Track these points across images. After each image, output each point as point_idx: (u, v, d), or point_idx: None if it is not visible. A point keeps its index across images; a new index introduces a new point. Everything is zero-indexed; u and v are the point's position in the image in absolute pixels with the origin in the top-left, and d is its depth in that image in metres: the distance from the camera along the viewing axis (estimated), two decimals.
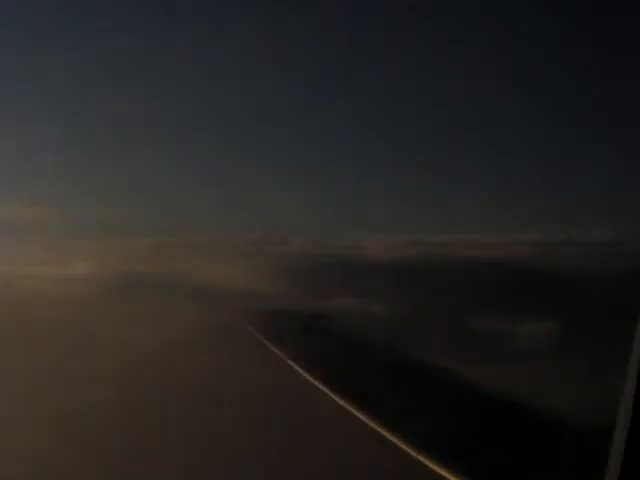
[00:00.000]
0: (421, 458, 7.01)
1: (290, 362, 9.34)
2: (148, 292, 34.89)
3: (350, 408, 8.30)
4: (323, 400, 8.79)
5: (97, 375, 23.76)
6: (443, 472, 6.78)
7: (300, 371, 9.06)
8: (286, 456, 15.33)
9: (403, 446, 7.42)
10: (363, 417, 8.14)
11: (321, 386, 8.60)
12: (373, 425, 7.93)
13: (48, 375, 24.17)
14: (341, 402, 8.43)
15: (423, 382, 8.84)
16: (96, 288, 36.84)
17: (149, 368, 24.85)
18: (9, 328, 29.90)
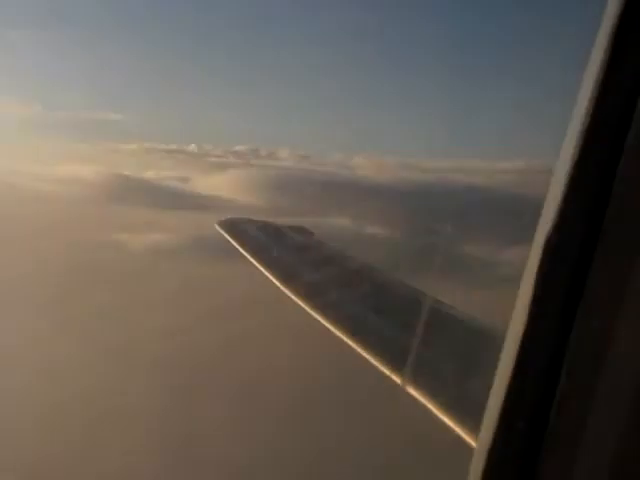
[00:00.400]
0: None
1: (266, 272, 9.22)
2: (140, 198, 34.86)
3: (322, 320, 8.23)
4: (295, 311, 8.76)
5: (89, 273, 23.96)
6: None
7: (276, 283, 8.96)
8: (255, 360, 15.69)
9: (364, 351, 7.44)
10: (333, 328, 8.06)
11: (295, 298, 8.53)
12: (344, 337, 7.88)
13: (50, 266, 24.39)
14: (313, 314, 8.36)
15: (395, 300, 8.76)
16: (89, 190, 36.75)
17: (139, 269, 25.05)
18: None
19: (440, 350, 7.40)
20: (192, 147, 42.85)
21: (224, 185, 36.92)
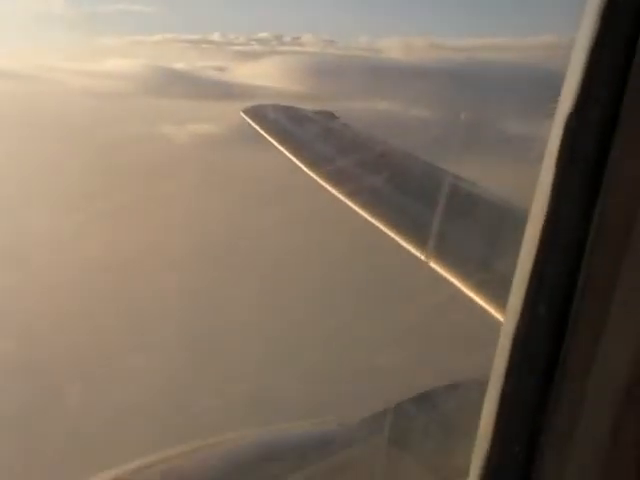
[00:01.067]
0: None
1: (293, 158, 9.06)
2: (179, 89, 34.51)
3: (347, 201, 8.07)
4: (321, 193, 8.63)
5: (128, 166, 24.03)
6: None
7: (303, 167, 8.79)
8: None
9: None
10: (359, 210, 7.92)
11: (322, 183, 8.37)
12: (372, 219, 7.75)
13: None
14: (340, 196, 8.20)
15: (423, 181, 8.55)
16: (128, 83, 36.49)
17: (177, 161, 25.02)
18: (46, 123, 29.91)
19: (466, 228, 7.28)
20: (215, 36, 41.97)
21: (262, 73, 36.38)
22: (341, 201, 8.28)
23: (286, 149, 9.31)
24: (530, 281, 1.52)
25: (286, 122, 10.32)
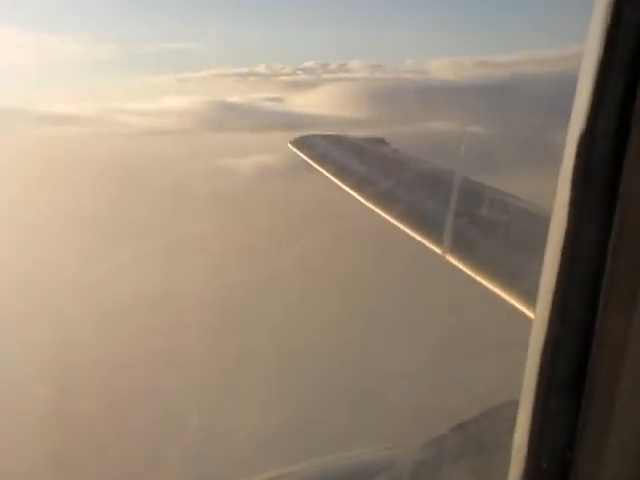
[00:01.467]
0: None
1: (345, 187, 8.97)
2: (236, 122, 34.84)
3: (393, 220, 7.97)
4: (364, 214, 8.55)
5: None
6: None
7: (356, 196, 8.70)
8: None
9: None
10: (413, 234, 7.80)
11: (375, 209, 8.25)
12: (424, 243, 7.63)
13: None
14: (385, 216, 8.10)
15: (472, 202, 8.38)
16: (187, 120, 37.02)
17: (241, 190, 25.31)
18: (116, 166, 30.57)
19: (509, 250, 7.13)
20: (261, 68, 42.28)
21: (316, 101, 36.51)
22: (394, 225, 8.16)
23: (336, 177, 9.21)
24: (554, 300, 1.51)
25: (335, 151, 10.22)
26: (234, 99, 40.44)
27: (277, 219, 21.41)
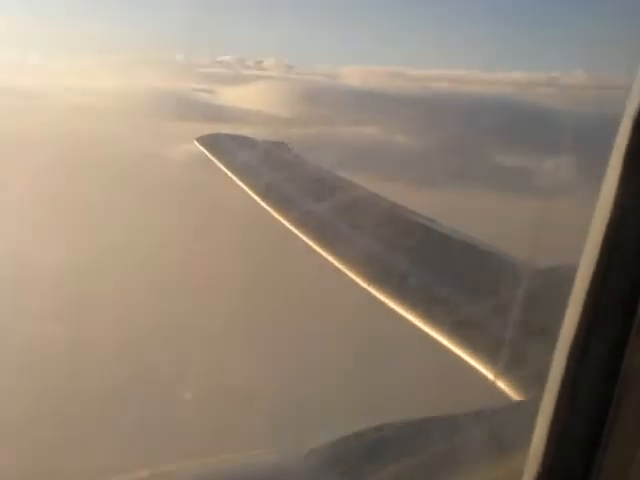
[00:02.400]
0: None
1: (245, 187, 9.14)
2: (168, 108, 34.46)
3: (294, 229, 8.14)
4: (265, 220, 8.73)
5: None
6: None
7: (255, 197, 8.88)
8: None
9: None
10: (310, 241, 7.99)
11: (272, 211, 8.45)
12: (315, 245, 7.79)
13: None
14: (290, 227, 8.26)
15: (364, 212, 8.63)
16: (124, 102, 36.50)
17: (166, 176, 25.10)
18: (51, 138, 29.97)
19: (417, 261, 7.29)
20: (179, 57, 41.62)
21: (247, 96, 36.36)
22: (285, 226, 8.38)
23: (237, 176, 9.39)
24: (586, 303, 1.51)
25: (239, 151, 10.39)
26: (164, 85, 39.96)
27: (190, 210, 21.26)
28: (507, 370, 5.27)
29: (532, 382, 4.79)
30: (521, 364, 5.25)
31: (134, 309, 14.53)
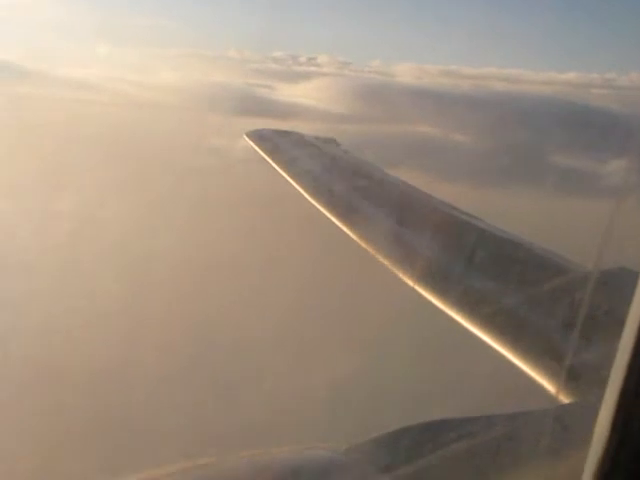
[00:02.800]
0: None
1: (293, 183, 8.93)
2: (228, 103, 34.58)
3: (337, 222, 7.94)
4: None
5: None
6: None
7: (302, 192, 8.67)
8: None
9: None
10: (355, 237, 7.77)
11: (320, 208, 8.23)
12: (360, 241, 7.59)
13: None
14: (328, 215, 8.07)
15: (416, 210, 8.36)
16: (184, 96, 36.78)
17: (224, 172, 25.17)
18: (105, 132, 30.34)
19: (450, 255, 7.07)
20: (232, 53, 41.75)
21: (304, 93, 36.24)
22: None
23: (285, 172, 9.18)
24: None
25: (287, 147, 10.18)
26: (220, 80, 40.13)
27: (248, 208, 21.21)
28: (563, 373, 5.05)
29: (586, 386, 4.60)
30: (575, 367, 5.06)
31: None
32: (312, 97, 35.45)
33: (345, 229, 7.91)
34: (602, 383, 1.65)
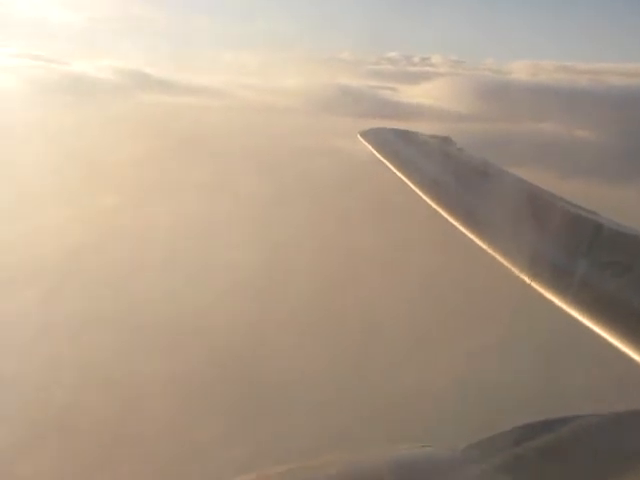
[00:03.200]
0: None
1: (409, 182, 8.87)
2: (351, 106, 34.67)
3: (454, 222, 7.86)
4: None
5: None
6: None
7: (419, 193, 8.61)
8: None
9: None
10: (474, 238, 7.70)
11: (437, 207, 8.17)
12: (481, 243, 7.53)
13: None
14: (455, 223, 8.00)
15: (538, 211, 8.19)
16: (305, 99, 37.15)
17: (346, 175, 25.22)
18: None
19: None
20: (345, 55, 41.64)
21: (424, 93, 35.87)
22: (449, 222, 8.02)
23: (399, 171, 9.10)
24: None
25: (401, 145, 10.08)
26: (343, 83, 40.19)
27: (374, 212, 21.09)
28: None
29: None
30: None
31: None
32: (431, 97, 35.11)
33: (461, 227, 7.79)
34: None
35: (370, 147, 9.92)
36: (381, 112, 33.00)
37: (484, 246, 7.33)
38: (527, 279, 6.56)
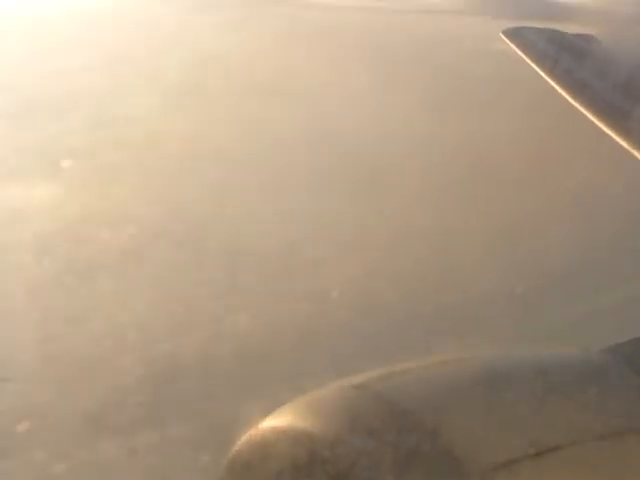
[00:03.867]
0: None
1: (550, 81, 8.72)
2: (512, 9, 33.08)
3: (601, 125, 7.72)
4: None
5: None
6: None
7: (560, 92, 8.46)
8: None
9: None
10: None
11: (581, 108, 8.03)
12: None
13: None
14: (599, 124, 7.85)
15: None
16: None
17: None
18: None
19: None
20: None
21: None
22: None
23: (544, 71, 8.95)
24: None
25: (546, 45, 9.80)
26: None
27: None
28: None
29: None
30: None
31: None
32: None
33: (600, 124, 7.60)
34: None
35: (513, 46, 9.75)
36: (542, 14, 31.34)
37: (622, 142, 7.15)
38: None
